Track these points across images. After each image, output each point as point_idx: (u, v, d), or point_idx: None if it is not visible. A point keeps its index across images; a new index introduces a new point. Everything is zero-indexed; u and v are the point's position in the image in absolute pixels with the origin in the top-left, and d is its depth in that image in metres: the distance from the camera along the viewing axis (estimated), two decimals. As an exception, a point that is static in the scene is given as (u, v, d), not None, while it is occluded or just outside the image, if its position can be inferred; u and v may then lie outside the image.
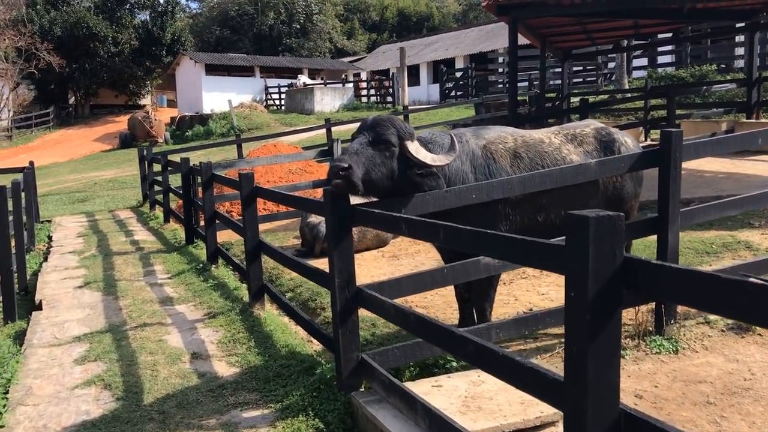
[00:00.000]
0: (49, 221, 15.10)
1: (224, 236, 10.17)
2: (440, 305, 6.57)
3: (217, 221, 8.98)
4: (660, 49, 26.44)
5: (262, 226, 7.75)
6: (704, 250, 7.08)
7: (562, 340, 5.57)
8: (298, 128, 23.99)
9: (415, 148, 4.38)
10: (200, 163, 9.18)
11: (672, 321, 5.17)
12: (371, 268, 8.41)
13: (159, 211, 14.75)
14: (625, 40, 19.21)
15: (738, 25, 21.08)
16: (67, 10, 47.78)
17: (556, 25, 14.82)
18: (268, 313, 6.67)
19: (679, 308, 5.29)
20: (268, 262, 7.84)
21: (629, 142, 5.25)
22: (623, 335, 5.10)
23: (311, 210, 4.78)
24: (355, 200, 4.33)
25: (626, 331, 5.22)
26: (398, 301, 4.01)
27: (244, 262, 8.98)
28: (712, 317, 5.32)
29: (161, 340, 6.04)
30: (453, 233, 3.07)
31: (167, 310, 7.12)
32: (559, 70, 21.88)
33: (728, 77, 20.90)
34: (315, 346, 5.96)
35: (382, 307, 3.91)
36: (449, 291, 6.85)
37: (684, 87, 16.85)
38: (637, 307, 5.25)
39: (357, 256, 9.25)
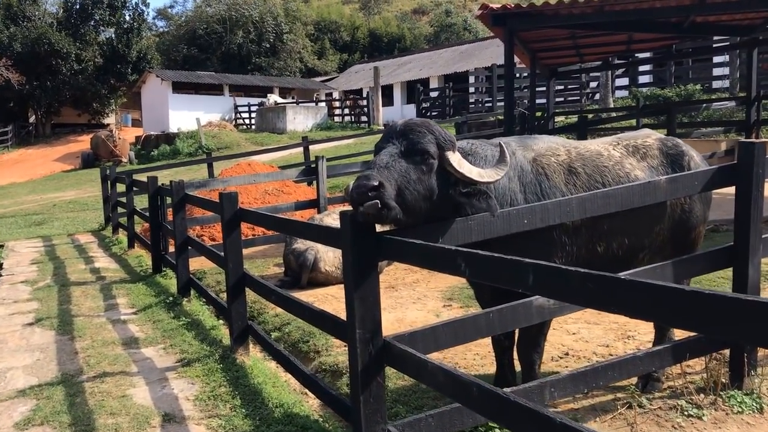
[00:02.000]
0: (1, 246, 13.81)
1: (195, 263, 9.10)
2: (460, 349, 5.59)
3: (190, 248, 7.92)
4: (641, 68, 26.10)
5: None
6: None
7: (618, 395, 4.68)
8: (272, 147, 22.97)
9: (457, 161, 3.43)
10: (171, 182, 8.13)
11: (752, 372, 4.28)
12: (367, 301, 7.39)
13: (123, 235, 13.58)
14: (612, 58, 18.62)
15: (722, 43, 20.76)
16: (28, 26, 46.17)
17: (549, 39, 14.10)
18: (254, 359, 5.63)
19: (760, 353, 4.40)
20: (248, 294, 6.82)
21: (696, 155, 4.39)
22: (693, 389, 4.20)
23: (320, 239, 3.81)
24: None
25: (695, 383, 4.32)
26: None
27: (222, 296, 7.96)
28: (793, 365, 4.44)
29: (125, 396, 4.95)
30: (561, 280, 2.12)
31: (132, 354, 6.03)
32: (541, 88, 21.24)
33: (713, 97, 20.49)
34: (311, 401, 4.95)
35: (423, 368, 2.94)
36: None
37: (685, 104, 16.29)
38: (709, 355, 4.36)
39: (341, 287, 8.27)
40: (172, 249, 9.49)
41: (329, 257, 8.08)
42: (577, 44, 14.96)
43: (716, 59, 24.72)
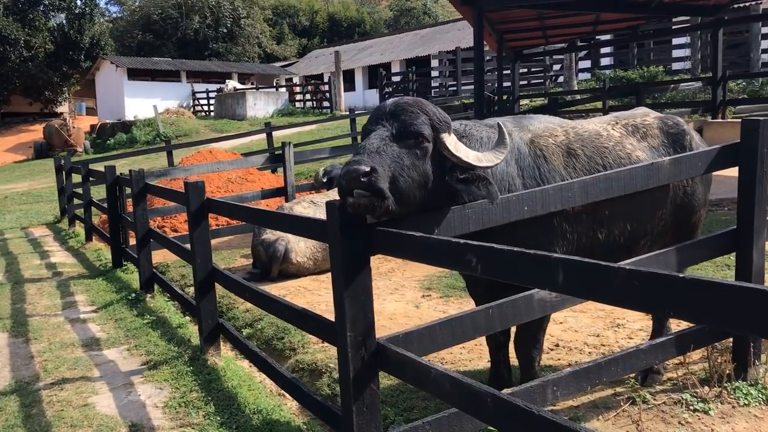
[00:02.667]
0: (-51, 242, 13.11)
1: (158, 256, 8.65)
2: (444, 343, 5.31)
3: (153, 241, 7.48)
4: (603, 51, 26.12)
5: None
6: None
7: (618, 389, 4.45)
8: (234, 134, 22.38)
9: (453, 144, 3.12)
10: (130, 171, 7.66)
11: (756, 361, 4.09)
12: (342, 293, 7.07)
13: (80, 228, 13.00)
14: (577, 40, 18.49)
15: (683, 24, 20.81)
16: (-27, 12, 44.41)
17: (516, 20, 13.89)
18: (226, 360, 5.27)
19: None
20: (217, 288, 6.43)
21: (695, 134, 4.16)
22: (697, 381, 3.99)
23: (303, 232, 3.47)
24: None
25: (697, 374, 4.12)
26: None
27: (189, 291, 7.55)
28: (794, 352, 4.27)
29: (87, 405, 4.56)
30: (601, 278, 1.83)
31: (94, 357, 5.62)
32: (504, 72, 21.05)
33: (675, 78, 20.54)
34: (290, 403, 4.63)
35: (426, 375, 2.64)
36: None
37: (653, 85, 16.22)
38: (710, 346, 4.16)
39: (323, 277, 7.95)
40: (133, 242, 9.03)
41: (301, 248, 7.73)
42: (544, 25, 14.80)
43: (676, 41, 24.85)
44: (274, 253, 7.69)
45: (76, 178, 12.81)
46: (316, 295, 7.06)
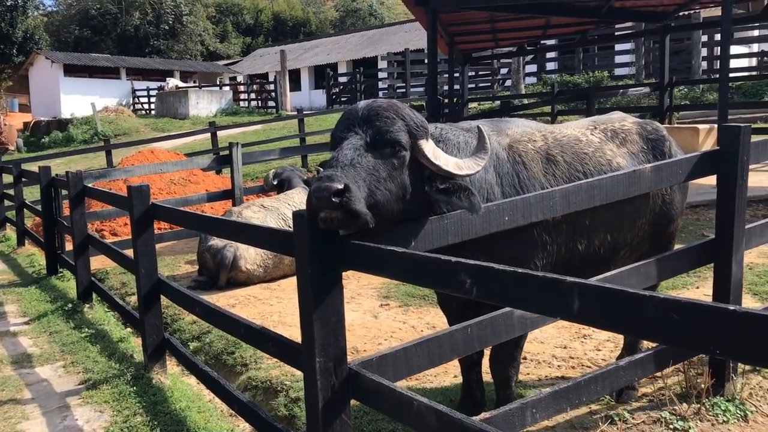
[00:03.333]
0: None
1: (97, 262, 8.14)
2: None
3: (92, 247, 7.00)
4: (548, 56, 26.37)
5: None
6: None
7: (593, 407, 4.26)
8: (176, 133, 21.70)
9: (432, 151, 2.86)
10: (67, 173, 7.16)
11: (734, 376, 3.95)
12: (296, 302, 6.72)
13: (11, 231, 12.27)
14: (526, 45, 18.53)
15: (625, 31, 21.14)
16: None
17: (468, 22, 13.76)
18: (173, 377, 4.88)
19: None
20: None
21: (673, 140, 4.00)
22: (674, 397, 3.83)
23: (265, 244, 3.15)
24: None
25: (671, 389, 3.96)
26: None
27: (130, 300, 7.10)
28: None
29: (16, 432, 4.13)
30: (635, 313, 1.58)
31: (25, 375, 5.15)
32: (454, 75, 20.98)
33: (620, 83, 20.83)
34: (243, 424, 4.29)
35: (407, 407, 2.36)
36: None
37: (603, 90, 16.34)
38: (686, 361, 4.00)
39: (273, 285, 7.59)
40: (69, 246, 8.50)
41: (251, 255, 7.36)
42: (495, 28, 14.72)
43: (619, 47, 25.24)
44: (222, 261, 7.30)
45: (7, 178, 12.08)
46: (267, 305, 6.70)
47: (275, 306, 6.65)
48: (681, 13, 15.50)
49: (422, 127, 2.86)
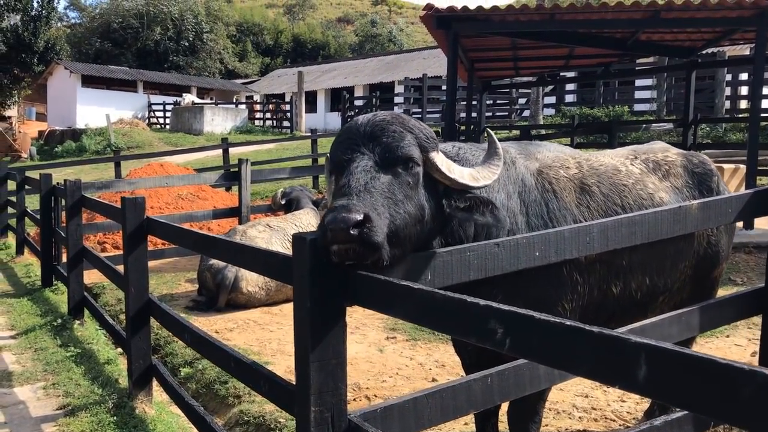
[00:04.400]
0: None
1: (93, 275, 7.79)
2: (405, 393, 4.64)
3: (85, 260, 6.66)
4: (567, 88, 26.09)
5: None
6: None
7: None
8: (187, 147, 21.51)
9: (445, 164, 2.55)
10: (65, 181, 6.85)
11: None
12: (297, 329, 6.34)
13: (12, 239, 11.96)
14: (546, 75, 18.24)
15: (647, 66, 20.83)
16: None
17: (489, 48, 13.49)
18: (159, 407, 4.50)
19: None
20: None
21: (720, 176, 3.62)
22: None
23: (259, 269, 2.79)
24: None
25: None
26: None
27: (120, 317, 6.74)
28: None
29: (-20, 461, 3.75)
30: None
31: (2, 396, 4.78)
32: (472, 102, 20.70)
33: (641, 119, 20.48)
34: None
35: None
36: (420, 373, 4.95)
37: (625, 124, 15.97)
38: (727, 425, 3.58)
39: (275, 309, 7.21)
40: (66, 258, 8.17)
41: (252, 277, 6.99)
42: (517, 56, 14.43)
43: (640, 83, 24.94)
44: (223, 281, 6.93)
45: (12, 185, 11.82)
46: (267, 331, 6.32)
47: (275, 332, 6.27)
48: (708, 51, 15.17)
49: (432, 139, 2.53)
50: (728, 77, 20.74)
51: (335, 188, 2.36)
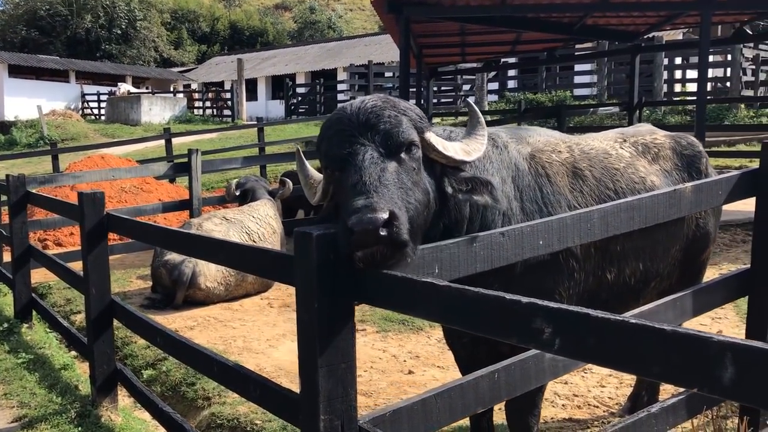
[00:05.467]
0: None
1: (38, 274, 7.38)
2: (392, 392, 4.53)
3: (33, 259, 6.29)
4: (510, 73, 26.32)
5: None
6: None
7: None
8: (128, 139, 20.77)
9: (440, 143, 2.48)
10: (7, 176, 6.44)
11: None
12: (261, 325, 6.17)
13: (-56, 239, 11.29)
14: (492, 61, 18.29)
15: (587, 51, 21.14)
16: None
17: (438, 33, 13.39)
18: (125, 414, 4.25)
19: None
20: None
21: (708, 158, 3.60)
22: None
23: (254, 269, 2.60)
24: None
25: (698, 437, 3.52)
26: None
27: (75, 319, 6.42)
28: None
29: (-66, 483, 3.45)
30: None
31: (-52, 409, 4.44)
32: (413, 89, 20.58)
33: (583, 103, 20.80)
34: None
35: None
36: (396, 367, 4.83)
37: (573, 108, 16.15)
38: (716, 407, 3.58)
39: (235, 305, 6.97)
40: (7, 258, 7.73)
41: (211, 271, 6.73)
42: (465, 42, 14.40)
43: (579, 67, 25.32)
44: (180, 277, 6.65)
45: (-58, 181, 11.13)
46: (230, 328, 6.09)
47: (238, 329, 6.05)
48: (649, 36, 15.44)
49: (424, 119, 2.46)
50: (665, 61, 21.25)
51: (348, 185, 2.15)
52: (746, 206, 4.83)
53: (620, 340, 1.40)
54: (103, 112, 36.23)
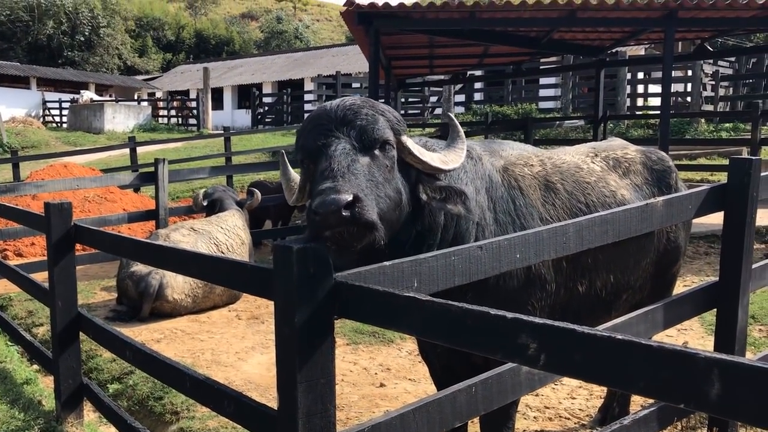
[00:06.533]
0: None
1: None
2: (364, 405, 4.51)
3: (-6, 271, 6.12)
4: (476, 86, 26.53)
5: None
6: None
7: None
8: (91, 147, 20.46)
9: (416, 147, 2.57)
10: (-32, 185, 6.28)
11: (734, 433, 3.60)
12: (230, 338, 6.09)
13: None
14: (460, 74, 18.45)
15: (552, 65, 21.43)
16: None
17: (407, 45, 13.47)
18: (91, 430, 4.15)
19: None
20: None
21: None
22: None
23: (232, 283, 2.55)
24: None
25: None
26: None
27: (37, 331, 6.27)
28: None
29: None
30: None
31: None
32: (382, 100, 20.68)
33: (548, 116, 21.04)
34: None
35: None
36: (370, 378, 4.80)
37: (540, 121, 16.33)
38: (685, 418, 3.63)
39: (203, 317, 6.88)
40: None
41: (178, 283, 6.64)
42: (433, 54, 14.51)
43: (544, 81, 25.63)
44: (146, 289, 6.55)
45: None
46: (198, 340, 6.01)
47: (206, 342, 5.97)
48: (613, 50, 15.71)
49: (402, 122, 2.55)
50: (628, 76, 21.63)
51: (316, 175, 2.28)
52: (709, 219, 4.94)
53: (606, 355, 1.41)
54: (65, 119, 35.60)
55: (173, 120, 36.04)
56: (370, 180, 2.27)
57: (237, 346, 5.76)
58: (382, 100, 16.74)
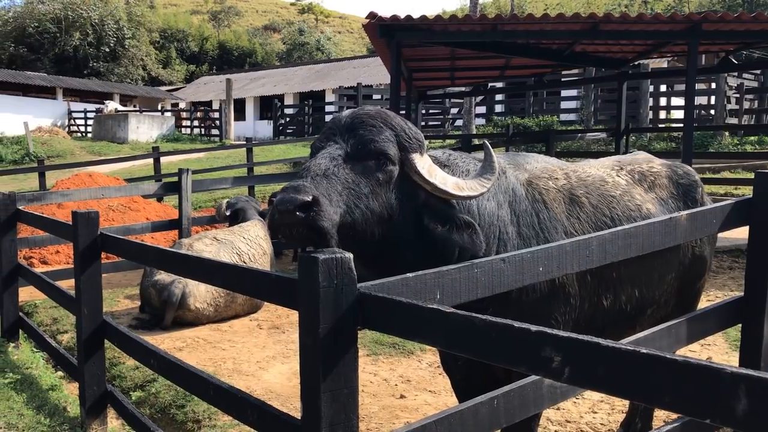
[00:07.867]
0: None
1: (24, 293, 7.30)
2: (385, 416, 4.51)
3: (21, 278, 6.22)
4: (497, 98, 26.53)
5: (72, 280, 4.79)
6: None
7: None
8: (116, 157, 20.71)
9: (427, 168, 2.51)
10: (-2, 193, 6.39)
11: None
12: (251, 347, 6.13)
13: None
14: (481, 86, 18.45)
15: (573, 77, 21.38)
16: None
17: (429, 58, 13.52)
18: (115, 437, 4.20)
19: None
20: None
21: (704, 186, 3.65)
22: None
23: (256, 292, 2.58)
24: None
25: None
26: None
27: (62, 338, 6.35)
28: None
29: None
30: None
31: (-67, 430, 4.36)
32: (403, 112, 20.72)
33: (570, 128, 20.98)
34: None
35: None
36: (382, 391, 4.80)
37: (562, 133, 16.28)
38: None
39: (224, 326, 6.93)
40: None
41: (201, 292, 6.70)
42: (454, 66, 14.53)
43: (565, 93, 25.59)
44: (170, 298, 6.61)
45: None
46: (219, 349, 6.05)
47: (228, 351, 6.01)
48: (636, 63, 15.63)
49: (415, 140, 2.51)
50: (650, 88, 21.52)
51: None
52: (733, 234, 4.89)
53: (631, 369, 1.41)
54: (89, 129, 36.11)
55: (196, 130, 36.40)
56: (349, 188, 2.28)
57: (258, 356, 5.80)
58: (403, 112, 16.85)
